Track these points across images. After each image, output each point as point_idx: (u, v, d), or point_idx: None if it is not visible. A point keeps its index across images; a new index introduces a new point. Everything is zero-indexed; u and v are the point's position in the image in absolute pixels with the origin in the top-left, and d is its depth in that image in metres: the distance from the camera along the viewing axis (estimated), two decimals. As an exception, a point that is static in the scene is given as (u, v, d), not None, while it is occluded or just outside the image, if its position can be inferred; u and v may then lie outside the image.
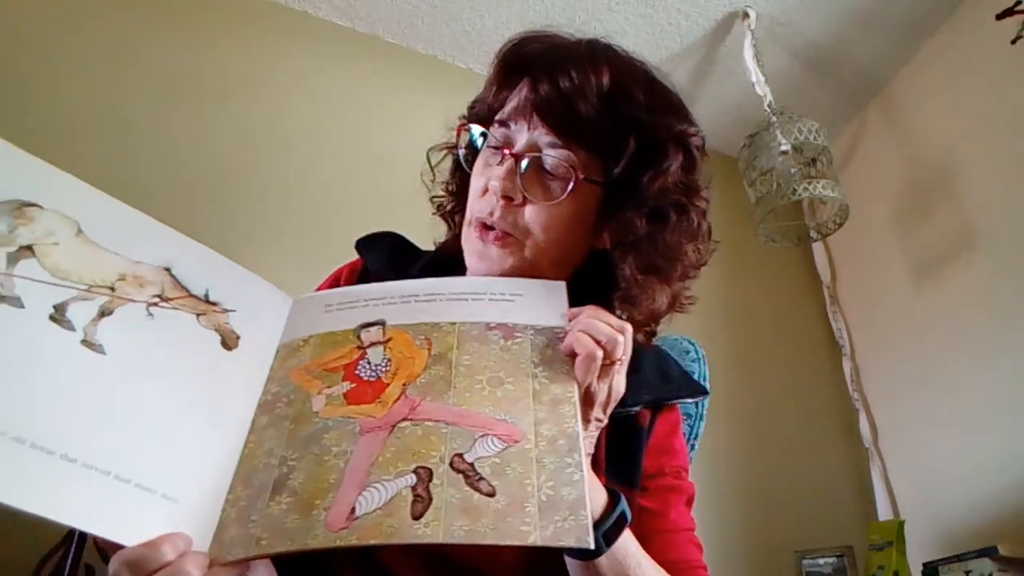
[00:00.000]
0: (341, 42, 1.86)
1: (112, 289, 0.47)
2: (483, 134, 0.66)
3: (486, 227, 0.63)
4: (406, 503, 0.43)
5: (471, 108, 0.72)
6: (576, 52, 0.64)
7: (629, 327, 0.53)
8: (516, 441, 0.48)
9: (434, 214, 0.77)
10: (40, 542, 1.03)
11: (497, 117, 0.65)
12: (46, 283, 0.45)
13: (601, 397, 0.53)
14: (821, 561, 1.68)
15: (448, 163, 0.75)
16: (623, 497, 0.54)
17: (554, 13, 1.87)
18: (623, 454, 0.64)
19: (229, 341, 0.51)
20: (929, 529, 1.77)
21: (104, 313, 0.46)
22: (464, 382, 0.51)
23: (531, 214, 0.61)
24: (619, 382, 0.54)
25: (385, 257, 0.72)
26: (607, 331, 0.52)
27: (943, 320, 1.88)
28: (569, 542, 0.43)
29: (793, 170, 1.75)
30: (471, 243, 0.64)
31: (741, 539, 1.77)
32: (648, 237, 0.62)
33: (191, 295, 0.50)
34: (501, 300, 0.57)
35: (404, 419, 0.49)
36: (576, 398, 0.50)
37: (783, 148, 1.74)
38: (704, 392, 0.74)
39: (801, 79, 2.12)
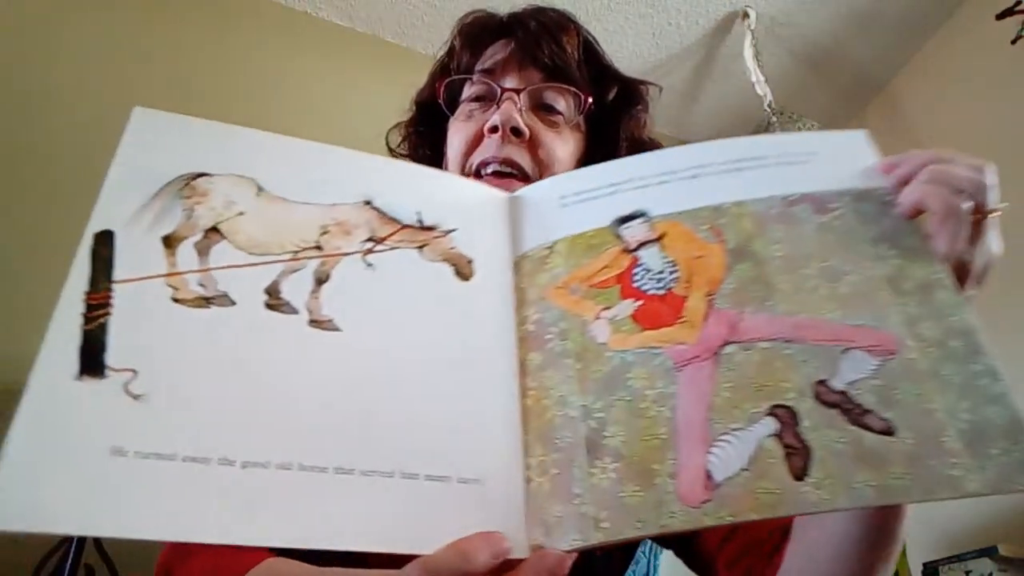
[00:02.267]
0: (341, 42, 1.86)
1: (319, 248, 0.39)
2: (463, 97, 0.64)
3: (493, 174, 0.58)
4: (777, 458, 0.33)
5: (437, 73, 0.70)
6: (543, 15, 0.66)
7: (992, 164, 0.42)
8: (892, 352, 0.35)
9: None
10: (40, 541, 1.03)
11: (480, 68, 0.63)
12: (248, 265, 0.37)
13: (977, 266, 0.40)
14: (821, 561, 1.68)
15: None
16: None
17: (554, 13, 1.87)
18: None
19: (463, 269, 0.41)
20: (929, 529, 1.77)
21: (320, 280, 0.38)
22: (788, 280, 0.38)
23: (544, 149, 0.59)
24: (994, 240, 0.41)
25: None
26: (966, 174, 0.40)
27: (943, 320, 1.88)
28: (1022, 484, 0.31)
29: (793, 170, 1.75)
30: None
31: (741, 539, 1.77)
32: None
33: (404, 226, 0.42)
34: (791, 163, 0.44)
35: (726, 342, 0.37)
36: (950, 279, 0.38)
37: (783, 148, 1.74)
38: None
39: (801, 79, 2.12)
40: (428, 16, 1.88)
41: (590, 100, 0.62)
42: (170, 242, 0.37)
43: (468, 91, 0.64)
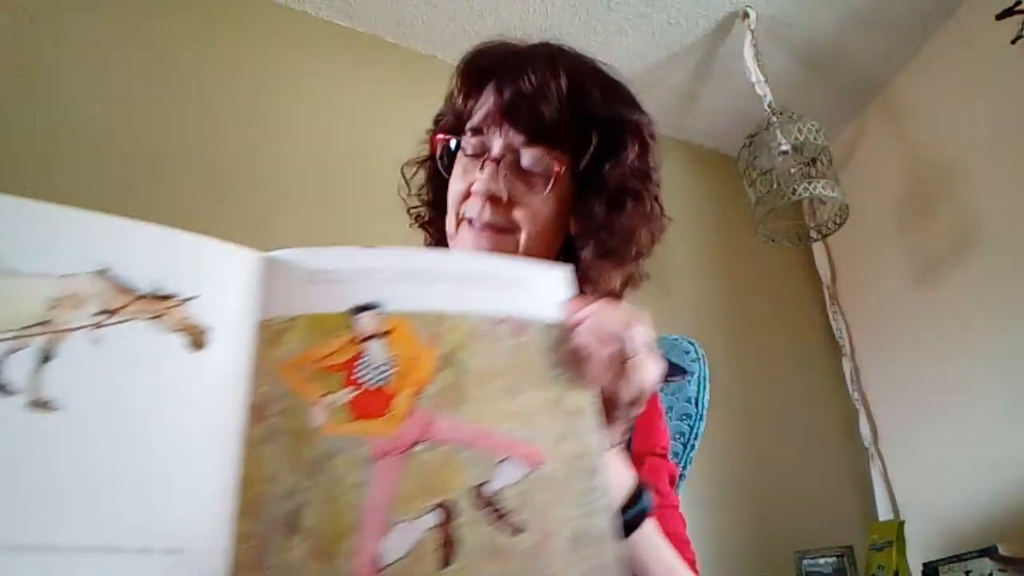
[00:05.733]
0: (341, 42, 1.86)
1: (46, 323, 0.39)
2: (457, 144, 0.70)
3: (481, 228, 0.66)
4: (431, 549, 0.39)
5: (438, 120, 0.76)
6: (533, 57, 0.68)
7: (642, 316, 0.50)
8: (539, 464, 0.42)
9: (411, 226, 0.80)
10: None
11: (469, 125, 0.69)
12: None
13: (626, 397, 0.49)
14: (821, 561, 1.68)
15: (422, 174, 0.80)
16: (647, 490, 0.55)
17: (554, 13, 1.87)
18: None
19: (197, 339, 0.42)
20: (929, 529, 1.77)
21: (47, 358, 0.39)
22: (478, 392, 0.44)
23: (519, 211, 0.65)
24: (644, 375, 0.49)
25: None
26: (614, 328, 0.49)
27: (943, 320, 1.88)
28: None
29: (793, 170, 1.75)
30: (463, 240, 0.68)
31: (741, 539, 1.77)
32: (607, 223, 0.67)
33: (140, 297, 0.42)
34: (508, 286, 0.49)
35: (418, 441, 0.42)
36: (594, 408, 0.46)
37: (783, 148, 1.74)
38: (683, 371, 0.79)
39: (801, 79, 2.12)
40: (428, 16, 1.88)
41: (560, 170, 0.65)
42: None
43: (465, 143, 0.69)
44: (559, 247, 0.70)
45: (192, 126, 1.56)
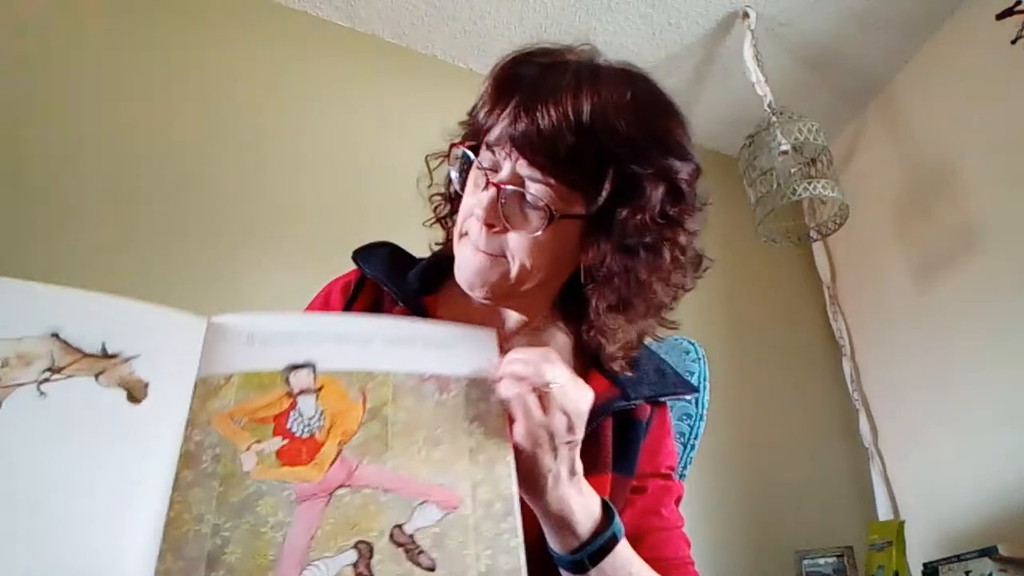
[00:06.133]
0: (341, 42, 1.86)
1: None
2: (473, 149, 0.67)
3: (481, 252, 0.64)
4: None
5: (469, 114, 0.72)
6: (560, 81, 0.62)
7: (551, 352, 0.54)
8: (455, 507, 0.47)
9: (427, 222, 0.78)
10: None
11: (485, 140, 0.65)
12: None
13: (560, 426, 0.51)
14: (821, 561, 1.68)
15: (445, 167, 0.75)
16: (616, 515, 0.56)
17: (554, 13, 1.87)
18: (624, 445, 0.67)
19: (136, 393, 0.47)
20: (929, 529, 1.77)
21: None
22: (401, 443, 0.49)
23: (513, 241, 0.62)
24: (568, 402, 0.52)
25: (384, 264, 0.73)
26: (525, 370, 0.52)
27: (943, 320, 1.88)
28: None
29: (793, 170, 1.75)
30: (462, 254, 0.66)
31: (741, 539, 1.77)
32: (620, 273, 0.63)
33: (86, 355, 0.46)
34: (435, 347, 0.55)
35: (341, 485, 0.46)
36: (510, 456, 0.50)
37: (783, 148, 1.74)
38: (694, 389, 0.77)
39: (801, 79, 2.12)
40: (428, 16, 1.87)
41: (558, 213, 0.61)
42: None
43: (479, 157, 0.66)
44: (562, 283, 0.67)
45: (190, 127, 1.56)
